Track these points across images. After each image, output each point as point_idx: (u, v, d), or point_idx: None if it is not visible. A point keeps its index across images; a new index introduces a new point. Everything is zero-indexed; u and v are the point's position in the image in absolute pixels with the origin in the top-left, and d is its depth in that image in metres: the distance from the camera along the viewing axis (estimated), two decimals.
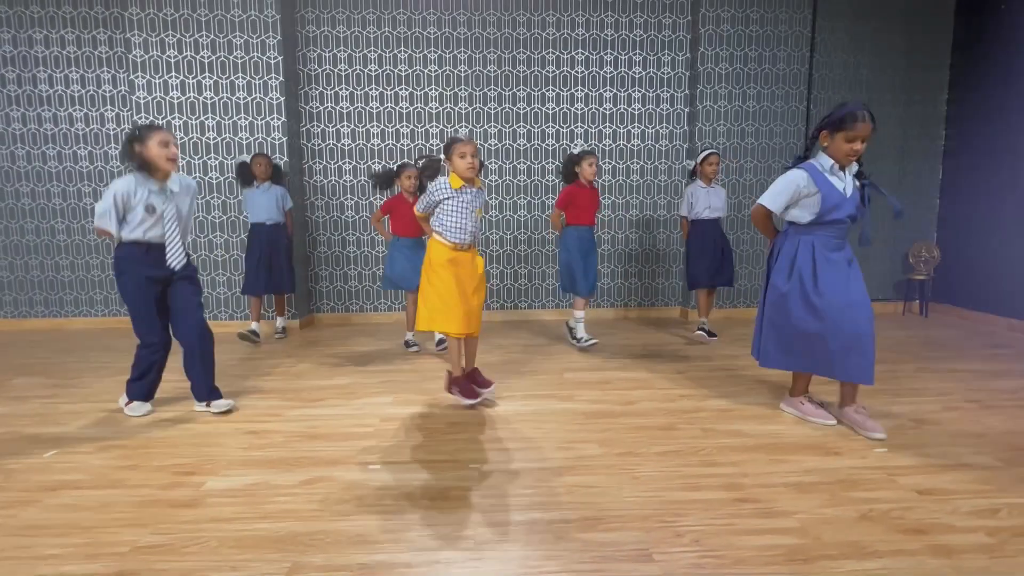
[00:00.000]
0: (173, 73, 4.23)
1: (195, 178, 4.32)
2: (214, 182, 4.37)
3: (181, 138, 4.30)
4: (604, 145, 4.77)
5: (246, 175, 3.94)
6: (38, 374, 3.20)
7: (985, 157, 4.49)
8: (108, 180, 4.60)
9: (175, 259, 2.37)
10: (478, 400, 2.53)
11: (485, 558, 1.39)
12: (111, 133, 4.56)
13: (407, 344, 3.73)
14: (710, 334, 3.86)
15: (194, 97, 4.27)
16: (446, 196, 2.44)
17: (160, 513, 1.62)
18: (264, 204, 3.96)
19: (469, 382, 2.57)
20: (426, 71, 4.61)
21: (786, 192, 2.23)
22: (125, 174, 2.35)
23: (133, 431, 2.28)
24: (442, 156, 2.51)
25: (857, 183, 2.21)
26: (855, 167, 2.22)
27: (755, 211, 2.34)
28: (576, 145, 4.73)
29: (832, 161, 2.16)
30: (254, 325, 4.01)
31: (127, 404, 2.49)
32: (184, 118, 4.29)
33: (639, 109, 4.76)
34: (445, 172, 2.55)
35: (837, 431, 2.20)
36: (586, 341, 3.68)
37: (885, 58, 4.78)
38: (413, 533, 1.50)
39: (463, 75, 4.63)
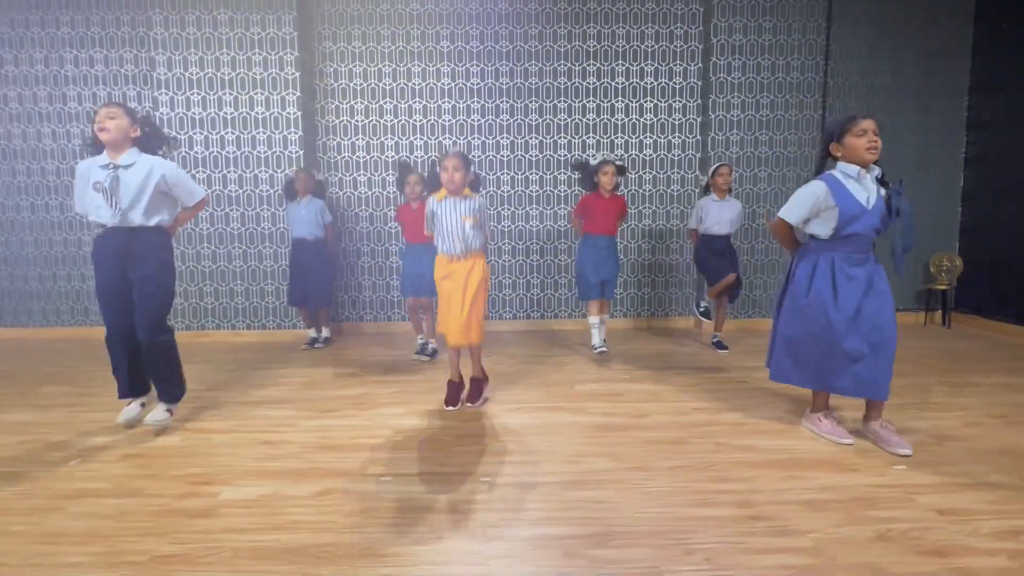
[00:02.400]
0: (195, 90, 4.36)
1: (213, 190, 4.44)
2: (232, 195, 4.48)
3: (202, 152, 4.42)
4: (616, 155, 4.78)
5: (291, 190, 4.10)
6: (63, 382, 3.30)
7: (1009, 163, 4.39)
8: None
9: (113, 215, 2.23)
10: (455, 408, 2.67)
11: (494, 574, 1.39)
12: None
13: (425, 351, 3.78)
14: (719, 345, 3.91)
15: (214, 112, 4.39)
16: (432, 210, 2.54)
17: (176, 522, 1.66)
18: (305, 219, 4.06)
19: (457, 389, 2.72)
20: (439, 84, 4.68)
21: (805, 205, 2.19)
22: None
23: (154, 440, 2.34)
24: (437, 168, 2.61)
25: (883, 192, 2.14)
26: (876, 170, 2.16)
27: (775, 225, 2.31)
28: (589, 155, 4.75)
29: (856, 167, 2.11)
30: (312, 333, 4.20)
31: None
32: (205, 133, 4.41)
33: (651, 119, 4.76)
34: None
35: (855, 447, 2.16)
36: (596, 349, 3.70)
37: (903, 64, 4.71)
38: (422, 547, 1.51)
39: (476, 87, 4.69)
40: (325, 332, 4.27)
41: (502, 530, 1.59)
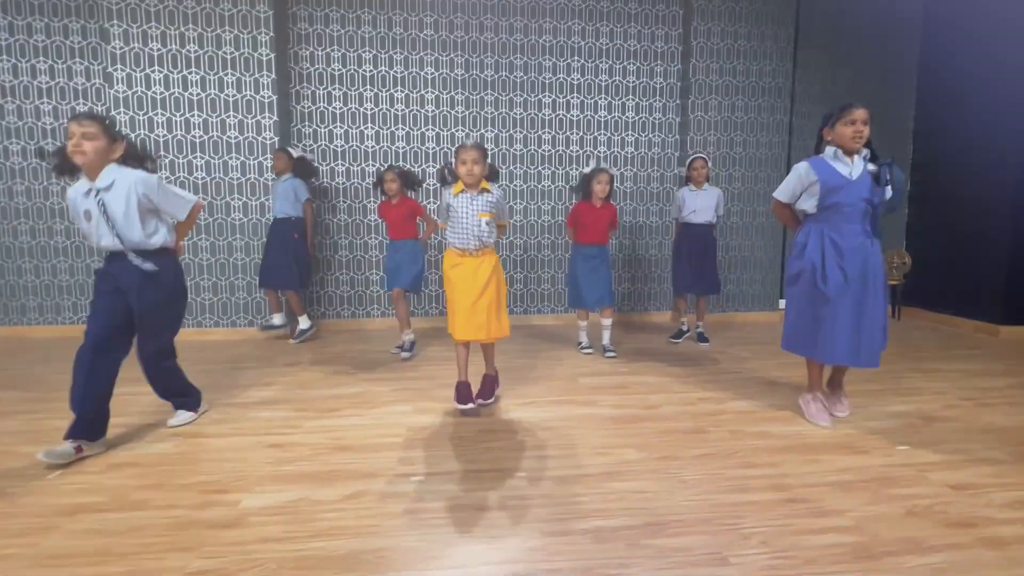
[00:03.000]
0: (156, 67, 4.01)
1: (177, 177, 4.10)
2: (199, 182, 4.16)
3: (164, 135, 4.07)
4: (598, 152, 4.83)
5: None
6: (11, 387, 2.95)
7: (951, 169, 4.81)
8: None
9: (135, 262, 2.08)
10: (466, 407, 2.51)
11: (563, 569, 1.37)
12: None
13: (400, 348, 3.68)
14: (701, 337, 4.00)
15: (179, 93, 4.06)
16: (448, 202, 2.46)
17: (200, 535, 1.51)
18: (279, 196, 3.94)
19: (467, 388, 2.56)
20: (422, 73, 4.55)
21: (791, 182, 2.39)
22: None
23: (142, 448, 2.13)
24: (452, 161, 2.51)
25: (871, 167, 2.25)
26: (866, 152, 2.28)
27: (773, 206, 2.50)
28: (572, 151, 4.78)
29: (835, 148, 2.27)
30: (274, 319, 4.05)
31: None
32: (168, 114, 4.06)
33: (632, 117, 4.84)
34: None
35: (858, 431, 2.29)
36: (583, 347, 3.73)
37: (858, 75, 5.06)
38: (482, 546, 1.46)
39: (460, 79, 4.59)
40: (303, 323, 4.05)
41: (557, 524, 1.57)
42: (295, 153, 3.98)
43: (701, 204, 3.91)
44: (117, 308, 2.11)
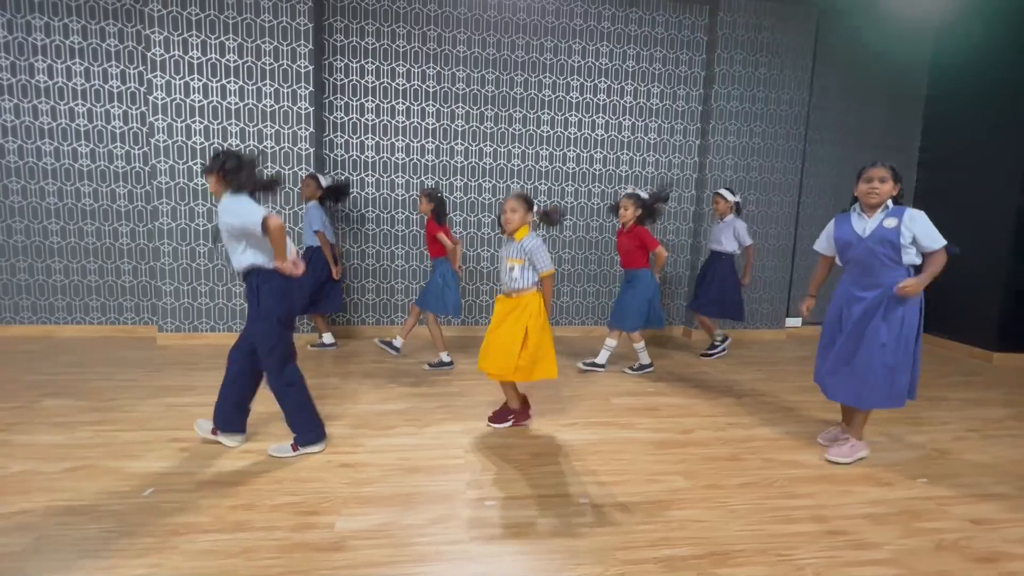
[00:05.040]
0: (196, 75, 4.05)
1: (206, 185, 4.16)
2: None
3: (200, 143, 4.13)
4: (620, 171, 4.99)
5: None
6: (63, 394, 3.03)
7: (953, 199, 5.07)
8: (111, 180, 4.35)
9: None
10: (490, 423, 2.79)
11: None
12: (116, 131, 4.30)
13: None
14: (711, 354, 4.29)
15: (217, 101, 4.11)
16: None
17: (310, 558, 1.65)
18: (304, 225, 4.05)
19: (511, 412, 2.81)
20: (454, 89, 4.64)
21: (822, 235, 2.67)
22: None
23: (222, 465, 2.25)
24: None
25: (890, 223, 2.39)
26: (890, 206, 2.42)
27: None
28: (595, 169, 4.93)
29: (860, 204, 2.48)
30: (323, 337, 4.27)
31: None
32: (205, 122, 4.12)
33: (655, 138, 5.01)
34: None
35: (880, 463, 2.51)
36: (585, 363, 3.87)
37: (870, 106, 5.28)
38: (574, 573, 1.63)
39: (490, 95, 4.70)
40: (326, 338, 4.26)
41: (631, 552, 1.74)
42: (324, 181, 4.02)
43: (716, 235, 4.30)
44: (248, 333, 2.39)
